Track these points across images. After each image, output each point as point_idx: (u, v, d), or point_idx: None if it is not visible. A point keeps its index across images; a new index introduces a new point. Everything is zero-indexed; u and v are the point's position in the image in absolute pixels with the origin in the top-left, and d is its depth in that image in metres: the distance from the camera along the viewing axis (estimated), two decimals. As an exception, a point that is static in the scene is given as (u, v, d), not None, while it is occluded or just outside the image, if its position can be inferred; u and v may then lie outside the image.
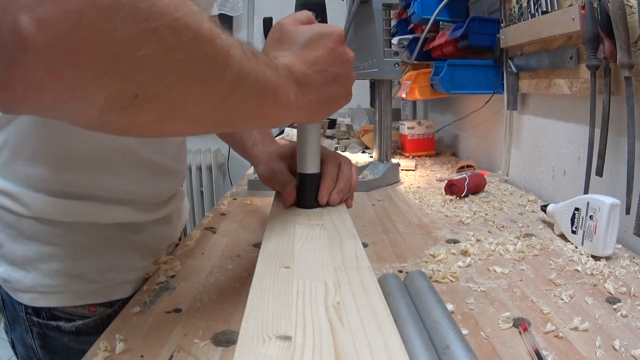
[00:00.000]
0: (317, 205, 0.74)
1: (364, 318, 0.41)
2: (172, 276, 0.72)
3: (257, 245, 0.85)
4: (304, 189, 0.73)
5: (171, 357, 0.51)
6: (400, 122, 2.10)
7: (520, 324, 0.57)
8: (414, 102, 2.58)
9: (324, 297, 0.45)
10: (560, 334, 0.56)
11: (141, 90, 0.37)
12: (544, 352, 0.52)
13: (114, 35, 0.33)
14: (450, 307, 0.62)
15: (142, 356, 0.51)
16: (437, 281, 0.72)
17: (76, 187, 0.65)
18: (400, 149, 2.05)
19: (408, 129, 1.94)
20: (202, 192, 3.18)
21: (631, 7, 0.82)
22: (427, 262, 0.79)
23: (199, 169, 3.13)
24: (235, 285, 0.69)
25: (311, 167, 0.71)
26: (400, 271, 0.76)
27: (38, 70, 0.31)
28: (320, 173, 0.72)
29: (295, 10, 1.23)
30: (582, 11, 0.90)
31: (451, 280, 0.72)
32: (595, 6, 0.88)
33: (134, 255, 0.72)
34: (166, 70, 0.38)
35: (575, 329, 0.57)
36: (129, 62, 0.35)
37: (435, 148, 2.00)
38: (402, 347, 0.37)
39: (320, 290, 0.47)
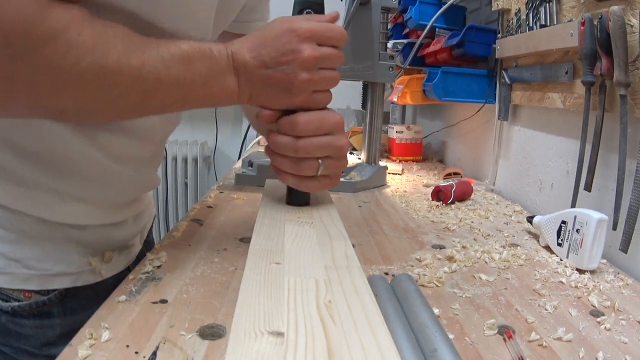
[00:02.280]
0: (305, 203, 0.74)
1: (355, 317, 0.41)
2: (158, 266, 0.71)
3: (244, 240, 0.85)
4: (293, 187, 0.73)
5: (157, 348, 0.50)
6: (389, 125, 2.10)
7: (505, 332, 0.58)
8: (404, 107, 2.59)
9: (315, 294, 0.45)
10: (544, 343, 0.57)
11: (65, 109, 0.53)
12: (528, 361, 0.52)
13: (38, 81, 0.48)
14: (435, 311, 0.62)
15: (127, 346, 0.50)
16: (422, 285, 0.72)
17: (32, 178, 0.64)
18: (387, 152, 2.06)
19: (397, 132, 1.94)
20: (186, 183, 3.16)
21: (632, 26, 0.83)
22: (413, 265, 0.79)
23: (185, 160, 3.11)
24: (222, 279, 0.69)
25: None
26: (386, 273, 0.76)
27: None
28: None
29: (293, 8, 1.22)
30: (582, 27, 0.91)
31: (437, 285, 0.72)
32: (596, 23, 0.88)
33: (75, 250, 0.70)
34: (81, 98, 0.52)
35: (559, 339, 0.58)
36: (50, 100, 0.51)
37: (422, 153, 2.01)
38: (394, 346, 0.37)
39: (311, 288, 0.47)
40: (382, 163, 1.53)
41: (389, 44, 1.82)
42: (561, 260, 0.84)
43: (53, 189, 0.66)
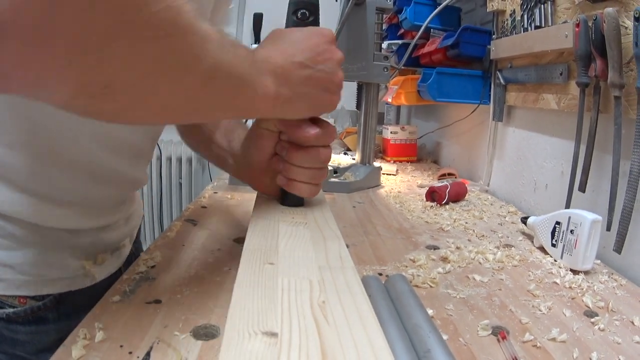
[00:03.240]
0: (300, 204, 0.73)
1: (349, 317, 0.41)
2: (152, 266, 0.71)
3: (238, 240, 0.85)
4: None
5: (151, 348, 0.50)
6: (383, 126, 2.10)
7: (499, 332, 0.58)
8: (398, 107, 2.59)
9: (309, 295, 0.45)
10: (539, 344, 0.57)
11: (111, 81, 0.38)
12: (522, 362, 0.52)
13: (88, 25, 0.33)
14: (429, 312, 0.62)
15: (121, 346, 0.50)
16: (416, 286, 0.72)
17: (23, 180, 0.62)
18: (381, 152, 2.06)
19: (391, 133, 1.94)
20: (180, 184, 3.16)
21: (626, 28, 0.83)
22: (407, 266, 0.79)
23: (179, 160, 3.10)
24: (216, 279, 0.68)
25: None
26: (380, 274, 0.76)
27: (9, 54, 0.31)
28: None
29: (288, 8, 1.22)
30: (577, 29, 0.91)
31: (431, 286, 0.72)
32: (590, 25, 0.89)
33: (69, 255, 0.69)
34: (138, 64, 0.39)
35: (553, 339, 0.58)
36: (101, 54, 0.35)
37: (417, 154, 2.01)
38: (387, 346, 0.37)
39: (305, 288, 0.47)
40: (376, 164, 1.53)
41: (384, 45, 1.82)
42: (555, 261, 0.84)
43: (45, 193, 0.64)
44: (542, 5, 1.11)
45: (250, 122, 0.74)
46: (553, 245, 0.86)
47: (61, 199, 0.66)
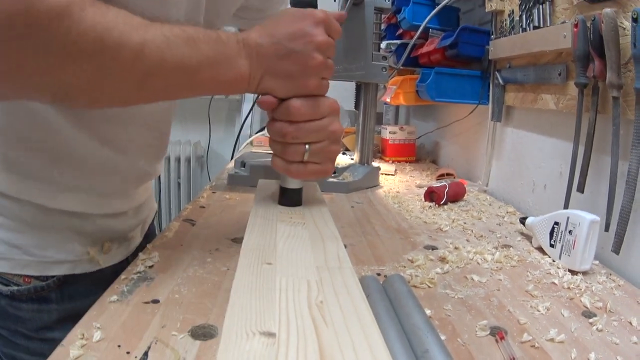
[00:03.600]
0: (298, 203, 0.74)
1: (347, 318, 0.41)
2: (150, 266, 0.71)
3: (236, 240, 0.85)
4: (286, 187, 0.73)
5: (148, 348, 0.50)
6: (382, 126, 2.10)
7: (497, 333, 0.58)
8: (397, 107, 2.59)
9: (307, 295, 0.45)
10: (537, 344, 0.57)
11: (68, 89, 0.50)
12: (520, 362, 0.52)
13: (30, 57, 0.45)
14: (427, 312, 0.62)
15: (119, 346, 0.50)
16: (415, 286, 0.72)
17: (33, 167, 0.67)
18: (380, 153, 2.06)
19: (390, 133, 1.94)
20: (179, 183, 3.16)
21: (624, 28, 0.83)
22: (405, 266, 0.79)
23: (177, 160, 3.10)
24: (214, 279, 0.68)
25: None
26: (379, 274, 0.76)
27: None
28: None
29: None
30: (575, 29, 0.91)
31: (429, 286, 0.72)
32: (589, 25, 0.89)
33: (75, 240, 0.73)
34: (80, 76, 0.49)
35: (552, 340, 0.58)
36: (51, 74, 0.48)
37: (415, 154, 2.01)
38: (385, 347, 0.37)
39: (303, 288, 0.47)
40: (375, 164, 1.53)
41: (383, 45, 1.82)
42: (554, 261, 0.84)
43: (54, 178, 0.68)
44: (541, 6, 1.11)
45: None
46: (551, 245, 0.86)
47: (67, 184, 0.69)
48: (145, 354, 0.49)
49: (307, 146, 0.67)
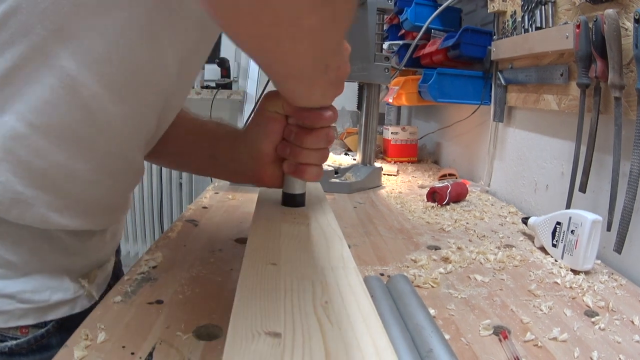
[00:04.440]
0: (301, 204, 0.74)
1: (352, 317, 0.41)
2: (154, 267, 0.71)
3: (239, 241, 0.85)
4: (294, 194, 0.73)
5: (153, 349, 0.50)
6: (384, 126, 2.10)
7: (501, 332, 0.58)
8: (399, 108, 2.59)
9: (311, 295, 0.45)
10: (540, 344, 0.57)
11: None
12: (524, 362, 0.53)
13: None
14: (431, 311, 0.62)
15: (123, 347, 0.50)
16: (418, 286, 0.72)
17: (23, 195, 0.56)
18: (382, 153, 2.06)
19: (392, 134, 1.95)
20: (180, 184, 3.16)
21: (626, 29, 0.83)
22: (408, 266, 0.79)
23: (179, 161, 3.10)
24: (217, 280, 0.69)
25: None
26: (382, 274, 0.76)
27: None
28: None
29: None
30: (577, 30, 0.92)
31: (432, 286, 0.72)
32: (591, 26, 0.89)
33: (65, 276, 0.65)
34: None
35: (555, 339, 0.58)
36: None
37: (417, 155, 2.01)
38: (391, 347, 0.37)
39: (308, 288, 0.47)
40: (377, 164, 1.53)
41: (385, 45, 1.83)
42: (556, 261, 0.84)
43: (46, 201, 0.58)
44: (543, 7, 1.11)
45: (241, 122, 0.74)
46: (554, 245, 0.86)
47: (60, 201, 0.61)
48: (150, 354, 0.49)
49: None
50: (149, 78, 0.59)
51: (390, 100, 1.83)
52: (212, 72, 3.04)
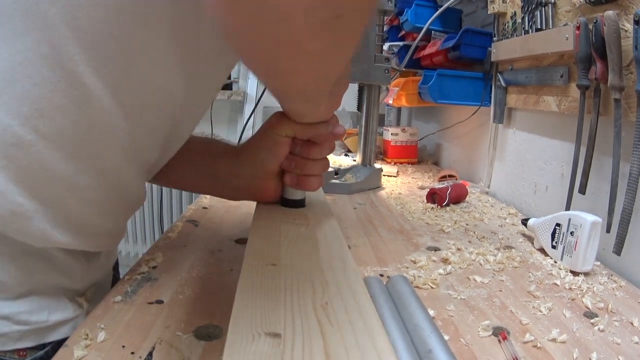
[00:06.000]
0: (301, 205, 0.74)
1: (352, 318, 0.41)
2: (154, 267, 0.71)
3: (239, 241, 0.85)
4: (295, 199, 0.73)
5: (153, 348, 0.50)
6: (384, 127, 2.10)
7: (500, 333, 0.58)
8: (399, 109, 2.59)
9: (311, 296, 0.45)
10: (539, 345, 0.57)
11: (342, 13, 0.35)
12: (523, 363, 0.53)
13: None
14: (431, 312, 0.63)
15: (123, 346, 0.50)
16: (417, 287, 0.72)
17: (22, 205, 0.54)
18: (382, 154, 2.06)
19: (392, 135, 1.95)
20: (180, 185, 3.16)
21: (626, 31, 0.83)
22: (407, 267, 0.79)
23: (179, 161, 3.10)
24: (218, 280, 0.69)
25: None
26: (382, 275, 0.76)
27: None
28: None
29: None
30: (577, 31, 0.92)
31: (432, 287, 0.72)
32: (591, 27, 0.89)
33: (62, 295, 0.63)
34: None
35: (554, 340, 0.58)
36: None
37: (417, 156, 2.01)
38: (391, 347, 0.37)
39: (307, 289, 0.47)
40: (377, 165, 1.54)
41: (385, 47, 1.83)
42: (555, 262, 0.84)
43: (46, 216, 0.56)
44: (543, 8, 1.11)
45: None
46: (553, 246, 0.86)
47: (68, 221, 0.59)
48: (150, 354, 0.49)
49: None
50: (153, 99, 0.58)
51: (391, 102, 1.83)
52: (212, 72, 3.03)
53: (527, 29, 1.19)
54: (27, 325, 0.59)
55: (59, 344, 0.59)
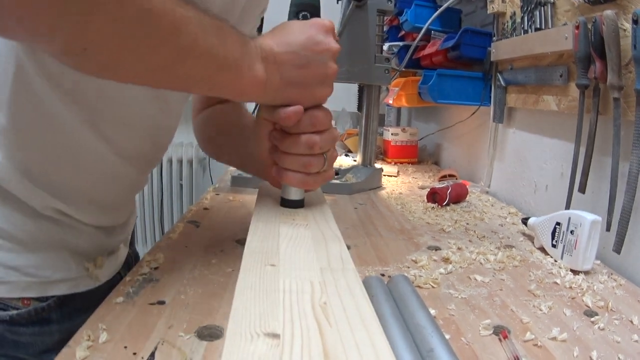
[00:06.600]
0: (300, 205, 0.74)
1: (350, 318, 0.42)
2: (156, 268, 0.72)
3: (241, 241, 0.85)
4: (292, 199, 0.73)
5: (155, 349, 0.50)
6: (384, 127, 2.11)
7: (501, 332, 0.58)
8: (399, 109, 2.60)
9: (310, 296, 0.46)
10: (539, 343, 0.57)
11: (89, 46, 0.44)
12: (523, 361, 0.53)
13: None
14: (432, 312, 0.63)
15: (125, 347, 0.50)
16: (418, 286, 0.72)
17: (28, 164, 0.62)
18: (382, 154, 2.06)
19: (392, 135, 1.95)
20: (181, 185, 3.16)
21: (625, 30, 0.84)
22: (408, 267, 0.80)
23: (180, 162, 3.10)
24: (219, 280, 0.69)
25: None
26: (383, 275, 0.76)
27: (7, 15, 0.38)
28: None
29: (290, 10, 1.23)
30: (576, 31, 0.92)
31: (432, 286, 0.72)
32: (590, 27, 0.89)
33: (70, 257, 0.69)
34: (111, 37, 0.44)
35: (554, 339, 0.58)
36: (78, 24, 0.41)
37: (417, 156, 2.01)
38: (389, 347, 0.37)
39: (306, 289, 0.47)
40: (377, 165, 1.54)
41: (385, 47, 1.83)
42: (555, 261, 0.85)
43: (51, 180, 0.64)
44: (542, 8, 1.11)
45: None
46: (553, 245, 0.86)
47: (62, 194, 0.66)
48: (152, 354, 0.49)
49: (325, 155, 0.68)
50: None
51: (391, 102, 1.83)
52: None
53: (526, 28, 1.19)
54: (32, 277, 0.65)
55: (60, 299, 0.68)
